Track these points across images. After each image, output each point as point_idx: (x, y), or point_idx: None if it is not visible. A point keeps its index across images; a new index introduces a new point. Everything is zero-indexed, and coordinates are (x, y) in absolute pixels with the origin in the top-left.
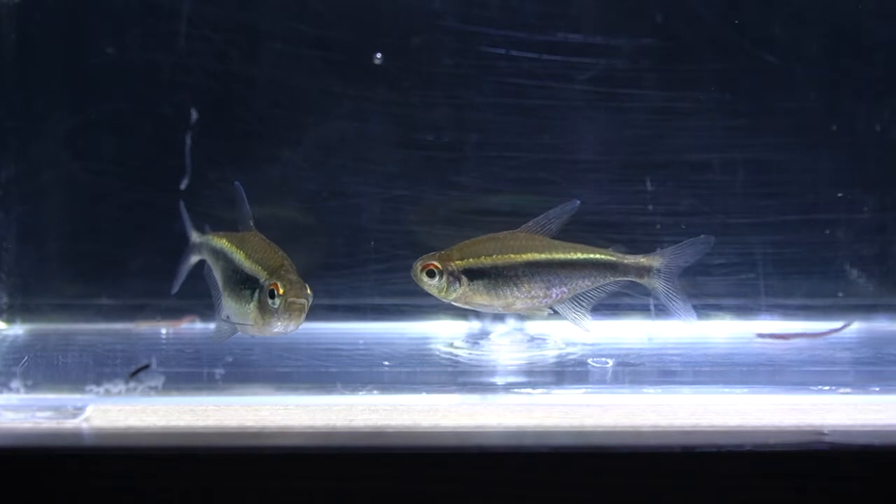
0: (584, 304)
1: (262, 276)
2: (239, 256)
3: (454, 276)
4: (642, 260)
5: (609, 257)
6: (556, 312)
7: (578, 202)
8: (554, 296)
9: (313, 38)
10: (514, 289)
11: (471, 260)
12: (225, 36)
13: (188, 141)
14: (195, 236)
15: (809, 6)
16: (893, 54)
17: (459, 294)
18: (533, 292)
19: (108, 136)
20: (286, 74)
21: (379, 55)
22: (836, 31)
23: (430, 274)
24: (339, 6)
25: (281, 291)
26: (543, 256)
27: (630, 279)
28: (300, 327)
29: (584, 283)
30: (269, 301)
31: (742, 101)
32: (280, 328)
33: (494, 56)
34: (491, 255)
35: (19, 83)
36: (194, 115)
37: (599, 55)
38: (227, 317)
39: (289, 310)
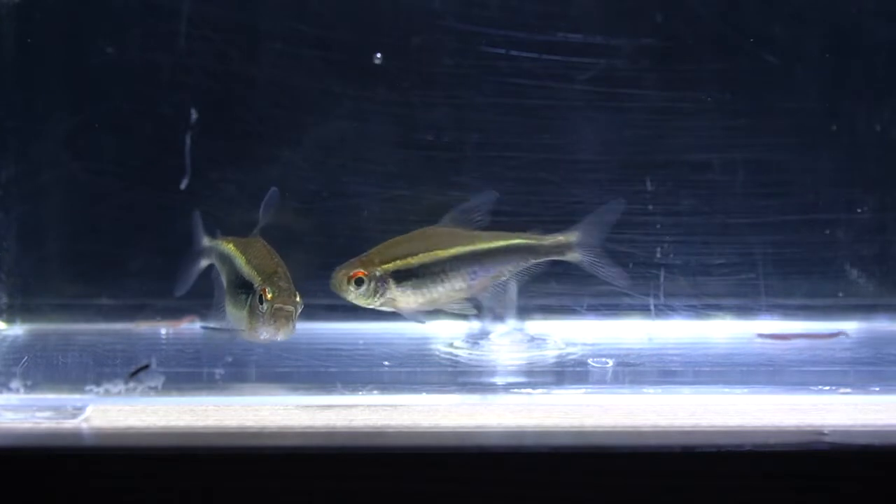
0: (505, 289)
1: (256, 281)
2: (240, 261)
3: (382, 281)
4: (560, 238)
5: (528, 241)
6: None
7: (496, 194)
8: (477, 285)
9: (313, 38)
10: (440, 285)
11: (398, 262)
12: (225, 36)
13: (188, 141)
14: (206, 241)
15: (809, 6)
16: (893, 54)
17: (386, 298)
18: (457, 285)
19: (108, 136)
20: (286, 74)
21: (379, 55)
22: (836, 31)
23: (359, 282)
24: (339, 6)
25: (269, 297)
26: (469, 248)
27: (552, 258)
28: (297, 329)
29: (507, 269)
30: (259, 306)
31: (742, 101)
32: (267, 334)
33: (494, 56)
34: (417, 254)
35: (19, 83)
36: (194, 115)
37: (599, 55)
38: (224, 323)
39: (275, 316)
